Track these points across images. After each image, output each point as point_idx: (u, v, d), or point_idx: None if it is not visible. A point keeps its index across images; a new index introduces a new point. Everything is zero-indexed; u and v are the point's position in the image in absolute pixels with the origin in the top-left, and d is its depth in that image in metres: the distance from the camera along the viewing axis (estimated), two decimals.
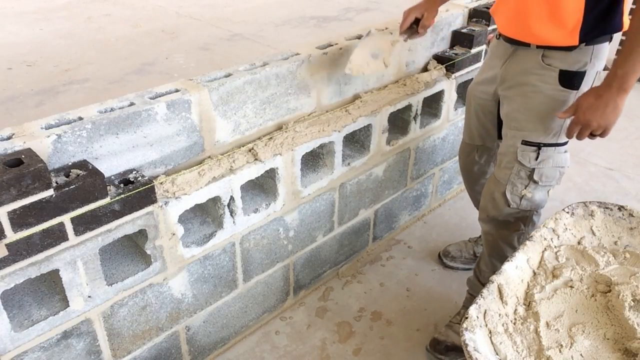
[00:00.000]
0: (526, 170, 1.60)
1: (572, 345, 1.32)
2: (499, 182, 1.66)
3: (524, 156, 1.59)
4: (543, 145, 1.57)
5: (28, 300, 1.34)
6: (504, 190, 1.65)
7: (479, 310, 1.32)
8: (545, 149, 1.57)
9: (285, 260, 1.89)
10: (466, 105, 1.91)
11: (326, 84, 1.83)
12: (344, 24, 4.84)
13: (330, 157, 1.85)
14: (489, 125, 1.82)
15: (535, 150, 1.58)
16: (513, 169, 1.62)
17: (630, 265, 1.50)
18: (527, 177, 1.61)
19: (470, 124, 1.89)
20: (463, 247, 2.21)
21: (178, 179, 1.47)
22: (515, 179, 1.62)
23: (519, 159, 1.60)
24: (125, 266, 1.46)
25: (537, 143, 1.57)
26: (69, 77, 3.66)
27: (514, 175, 1.62)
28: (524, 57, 1.57)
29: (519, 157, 1.60)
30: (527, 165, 1.59)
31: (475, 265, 1.87)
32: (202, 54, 4.15)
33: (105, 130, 1.34)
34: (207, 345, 1.76)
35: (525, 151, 1.59)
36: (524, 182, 1.62)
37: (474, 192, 2.04)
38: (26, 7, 5.08)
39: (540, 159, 1.58)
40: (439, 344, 1.80)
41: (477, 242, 2.20)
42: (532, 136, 1.57)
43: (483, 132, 1.85)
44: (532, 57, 1.54)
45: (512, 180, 1.63)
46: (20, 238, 1.16)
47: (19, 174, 1.11)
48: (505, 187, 1.64)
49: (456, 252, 2.20)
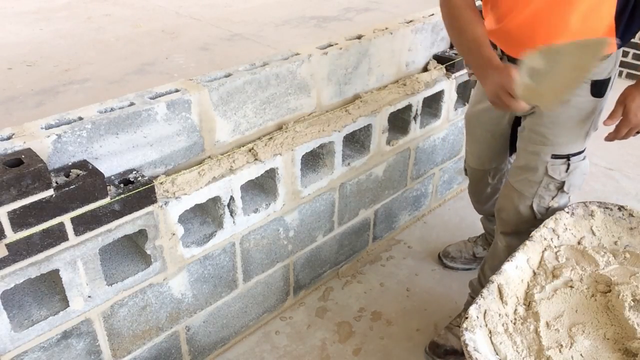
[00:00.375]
0: (556, 183, 1.56)
1: (572, 345, 1.32)
2: (524, 196, 1.60)
3: (554, 170, 1.54)
4: (572, 155, 1.53)
5: (28, 300, 1.34)
6: (531, 203, 1.60)
7: (479, 310, 1.32)
8: (574, 159, 1.54)
9: (285, 260, 1.89)
10: (468, 133, 1.85)
11: (326, 84, 1.83)
12: (344, 24, 4.83)
13: (330, 157, 1.85)
14: (501, 149, 1.79)
15: (565, 162, 1.53)
16: (542, 182, 1.56)
17: (630, 265, 1.50)
18: (556, 189, 1.57)
19: (478, 150, 1.83)
20: (463, 248, 2.20)
21: (178, 179, 1.47)
22: (543, 192, 1.58)
23: (549, 173, 1.54)
24: (125, 266, 1.45)
25: (567, 155, 1.53)
26: (69, 77, 3.65)
27: (542, 189, 1.57)
28: None
29: (550, 171, 1.54)
30: (558, 178, 1.55)
31: (479, 270, 1.85)
32: (202, 54, 4.14)
33: (105, 130, 1.34)
34: (207, 345, 1.76)
35: (555, 164, 1.54)
36: (552, 194, 1.58)
37: (484, 208, 2.02)
38: (26, 7, 5.07)
39: (570, 169, 1.54)
40: (438, 347, 1.79)
41: (477, 243, 2.19)
42: (562, 149, 1.52)
43: (494, 155, 1.81)
44: None
45: (540, 194, 1.58)
46: (20, 238, 1.16)
47: (19, 174, 1.11)
48: (532, 201, 1.59)
49: (456, 252, 2.19)
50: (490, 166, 1.84)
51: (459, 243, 2.24)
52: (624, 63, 4.05)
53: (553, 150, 1.53)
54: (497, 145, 1.77)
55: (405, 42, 2.04)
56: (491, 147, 1.78)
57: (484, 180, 1.89)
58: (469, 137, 1.85)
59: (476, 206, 2.06)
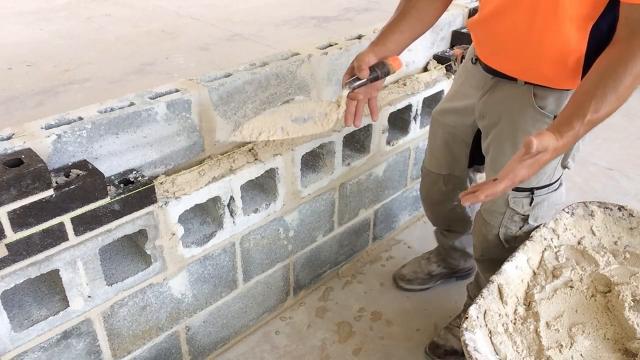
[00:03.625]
0: (519, 216, 1.49)
1: (572, 346, 1.32)
2: (491, 225, 1.53)
3: (517, 203, 1.46)
4: (536, 189, 1.44)
5: (28, 300, 1.34)
6: (497, 232, 1.53)
7: (479, 310, 1.32)
8: (539, 192, 1.45)
9: (285, 260, 1.89)
10: (430, 132, 1.73)
11: (326, 84, 1.83)
12: (344, 24, 4.84)
13: (330, 157, 1.85)
14: (460, 155, 1.67)
15: (527, 195, 1.45)
16: (505, 214, 1.49)
17: (630, 265, 1.50)
18: (522, 221, 1.50)
19: (436, 152, 1.72)
20: (417, 268, 2.06)
21: (178, 179, 1.47)
22: (508, 222, 1.51)
23: (511, 206, 1.47)
24: (125, 266, 1.46)
25: (530, 188, 1.44)
26: (69, 77, 3.67)
27: (506, 219, 1.50)
28: (509, 93, 1.39)
29: (511, 204, 1.47)
30: (521, 211, 1.48)
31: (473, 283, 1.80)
32: (202, 54, 4.15)
33: (105, 130, 1.34)
34: (207, 345, 1.76)
35: (517, 197, 1.46)
36: (518, 225, 1.51)
37: (436, 218, 1.91)
38: (26, 7, 5.08)
39: (534, 203, 1.46)
40: (438, 348, 1.79)
41: (430, 260, 2.07)
42: (523, 182, 1.43)
43: (452, 161, 1.69)
44: (520, 95, 1.36)
45: (506, 224, 1.51)
46: (20, 238, 1.16)
47: (19, 174, 1.11)
48: (499, 230, 1.52)
49: (411, 274, 2.06)
50: (445, 171, 1.72)
51: (413, 263, 2.10)
52: None
53: None
54: (456, 150, 1.66)
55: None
56: (450, 151, 1.67)
57: (437, 185, 1.76)
58: (431, 136, 1.73)
59: (428, 214, 1.95)
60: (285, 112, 1.32)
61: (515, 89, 1.37)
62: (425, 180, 1.82)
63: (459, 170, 1.71)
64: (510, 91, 1.39)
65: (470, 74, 1.54)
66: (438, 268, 2.05)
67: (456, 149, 1.66)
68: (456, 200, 1.78)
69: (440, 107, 1.69)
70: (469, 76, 1.54)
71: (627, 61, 1.09)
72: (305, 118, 1.32)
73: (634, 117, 3.44)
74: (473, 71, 1.52)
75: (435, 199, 1.82)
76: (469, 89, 1.53)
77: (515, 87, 1.37)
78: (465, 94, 1.55)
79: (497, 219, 1.52)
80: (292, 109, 1.33)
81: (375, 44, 1.34)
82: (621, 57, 1.10)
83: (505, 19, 1.29)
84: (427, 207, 1.91)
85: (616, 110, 1.13)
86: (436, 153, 1.71)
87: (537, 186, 1.44)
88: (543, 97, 1.34)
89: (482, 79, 1.47)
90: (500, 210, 1.50)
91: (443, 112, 1.66)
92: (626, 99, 1.11)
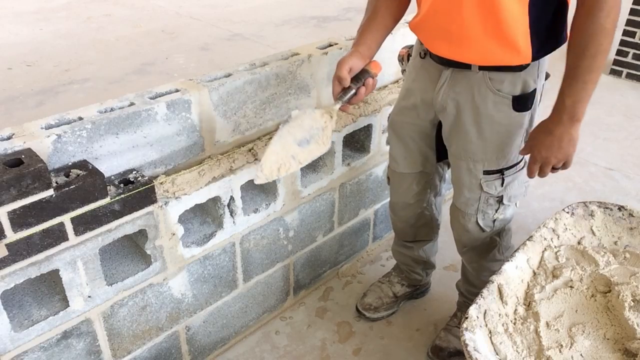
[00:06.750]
0: (494, 198, 1.54)
1: (572, 346, 1.32)
2: (468, 214, 1.58)
3: (489, 185, 1.51)
4: (505, 169, 1.49)
5: (28, 300, 1.34)
6: (476, 219, 1.57)
7: (479, 310, 1.32)
8: (508, 172, 1.50)
9: (285, 260, 1.89)
10: (392, 135, 1.70)
11: (326, 84, 1.83)
12: (344, 24, 4.84)
13: (330, 157, 1.85)
14: (427, 150, 1.66)
15: (499, 177, 1.50)
16: (480, 199, 1.54)
17: (630, 265, 1.50)
18: (497, 202, 1.55)
19: (402, 153, 1.69)
20: (380, 294, 1.97)
21: (178, 179, 1.47)
22: (484, 207, 1.55)
23: (484, 190, 1.52)
24: (125, 266, 1.46)
25: (499, 170, 1.49)
26: (69, 77, 3.67)
27: (482, 204, 1.55)
28: (465, 81, 1.41)
29: (485, 188, 1.51)
30: (494, 193, 1.52)
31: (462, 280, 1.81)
32: (202, 54, 4.15)
33: (105, 130, 1.34)
34: (207, 345, 1.76)
35: (489, 180, 1.51)
36: (494, 207, 1.55)
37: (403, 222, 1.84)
38: (26, 7, 5.08)
39: (506, 183, 1.51)
40: (441, 351, 1.77)
41: (391, 281, 1.99)
42: (493, 165, 1.48)
43: (421, 158, 1.68)
44: (476, 81, 1.39)
45: (482, 209, 1.56)
46: (20, 238, 1.16)
47: (19, 174, 1.11)
48: (477, 217, 1.57)
49: (376, 301, 1.95)
50: (417, 169, 1.70)
51: (374, 289, 1.99)
52: (623, 63, 4.01)
53: (483, 166, 1.49)
54: (423, 146, 1.66)
55: (405, 42, 2.04)
56: (418, 148, 1.66)
57: (410, 187, 1.73)
58: (395, 138, 1.69)
59: (397, 224, 1.89)
60: (289, 135, 1.36)
61: (471, 76, 1.40)
62: (395, 185, 1.78)
63: (429, 167, 1.71)
64: (466, 80, 1.41)
65: (421, 69, 1.54)
66: (402, 288, 1.98)
67: (423, 145, 1.66)
68: (425, 202, 1.79)
69: (397, 108, 1.67)
70: (420, 71, 1.54)
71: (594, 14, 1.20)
72: (307, 139, 1.37)
73: (634, 117, 3.44)
74: (424, 65, 1.52)
75: (405, 202, 1.78)
76: (424, 83, 1.53)
77: (471, 74, 1.40)
78: (420, 89, 1.55)
79: (473, 206, 1.56)
80: (294, 129, 1.36)
81: (359, 44, 1.43)
82: (589, 12, 1.20)
83: (446, 9, 1.32)
84: (396, 214, 1.85)
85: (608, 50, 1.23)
86: (404, 153, 1.69)
87: (505, 167, 1.50)
88: (499, 81, 1.37)
89: (435, 71, 1.48)
90: (474, 196, 1.55)
91: (401, 111, 1.65)
92: (610, 41, 1.22)
